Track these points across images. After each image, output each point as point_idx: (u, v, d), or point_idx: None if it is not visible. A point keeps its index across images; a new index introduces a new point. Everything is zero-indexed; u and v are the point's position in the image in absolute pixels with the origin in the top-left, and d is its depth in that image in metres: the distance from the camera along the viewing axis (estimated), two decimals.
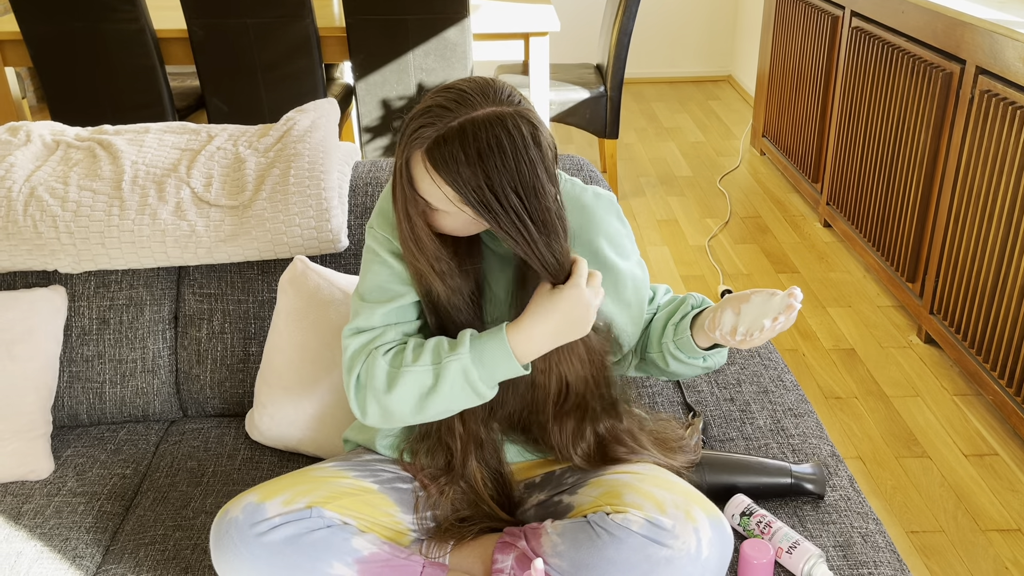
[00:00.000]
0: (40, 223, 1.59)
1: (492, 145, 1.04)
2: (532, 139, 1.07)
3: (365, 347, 1.19)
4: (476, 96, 1.06)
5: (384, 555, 1.18)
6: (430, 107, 1.07)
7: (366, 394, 1.18)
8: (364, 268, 1.23)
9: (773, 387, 1.64)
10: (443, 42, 3.08)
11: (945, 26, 2.54)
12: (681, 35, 5.59)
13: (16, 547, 1.35)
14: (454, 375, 1.15)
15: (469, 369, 1.14)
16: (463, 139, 1.04)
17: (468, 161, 1.04)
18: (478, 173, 1.04)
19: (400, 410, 1.17)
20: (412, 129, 1.08)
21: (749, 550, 1.23)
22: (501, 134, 1.05)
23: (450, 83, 1.11)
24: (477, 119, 1.05)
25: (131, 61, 3.07)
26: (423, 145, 1.07)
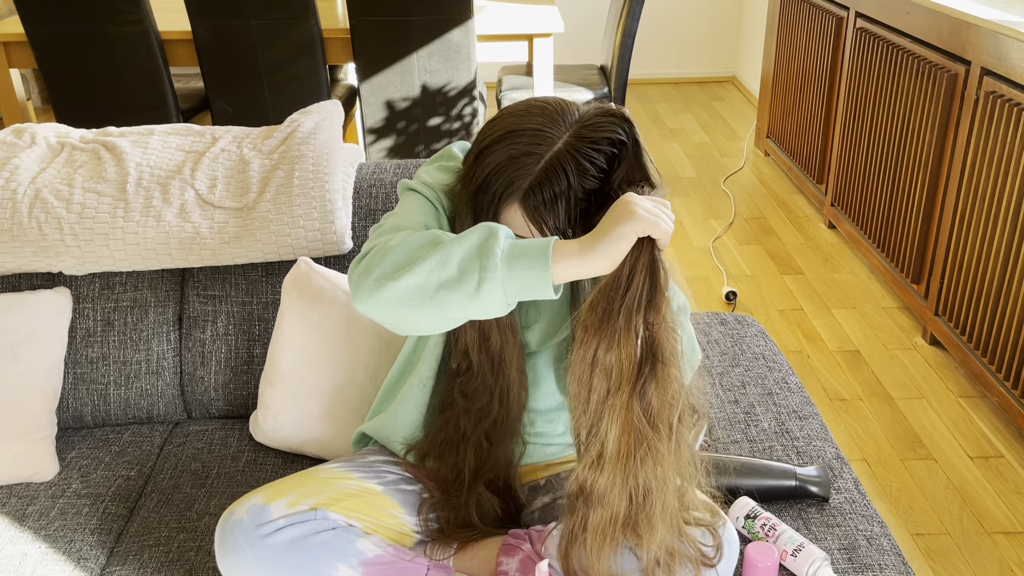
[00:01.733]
0: (45, 225, 1.59)
1: (577, 174, 1.08)
2: (606, 148, 1.11)
3: (388, 234, 1.10)
4: (550, 129, 1.09)
5: (389, 557, 1.18)
6: (516, 156, 1.08)
7: (372, 260, 1.05)
8: (397, 207, 1.18)
9: (777, 389, 1.64)
10: (447, 44, 3.08)
11: (950, 27, 2.54)
12: (685, 36, 5.58)
13: (21, 549, 1.35)
14: (471, 242, 1.01)
15: (496, 232, 1.02)
16: (554, 179, 1.08)
17: (560, 197, 1.08)
18: (570, 203, 1.09)
19: (405, 280, 1.01)
20: (498, 172, 1.09)
21: (754, 553, 1.23)
22: (583, 160, 1.09)
23: (512, 116, 1.11)
24: (560, 154, 1.08)
25: (135, 63, 3.08)
26: (518, 196, 1.09)
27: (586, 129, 1.11)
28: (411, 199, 1.20)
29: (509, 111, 1.13)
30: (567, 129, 1.10)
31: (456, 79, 3.16)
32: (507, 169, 1.09)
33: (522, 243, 1.01)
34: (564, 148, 1.09)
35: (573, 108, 1.13)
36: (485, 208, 1.11)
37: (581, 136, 1.10)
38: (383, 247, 1.06)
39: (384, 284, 1.02)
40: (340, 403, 1.51)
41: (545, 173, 1.08)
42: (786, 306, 2.99)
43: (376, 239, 1.11)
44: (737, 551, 1.21)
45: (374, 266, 1.04)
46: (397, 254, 1.04)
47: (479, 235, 1.02)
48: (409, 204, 1.19)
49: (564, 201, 1.09)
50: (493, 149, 1.10)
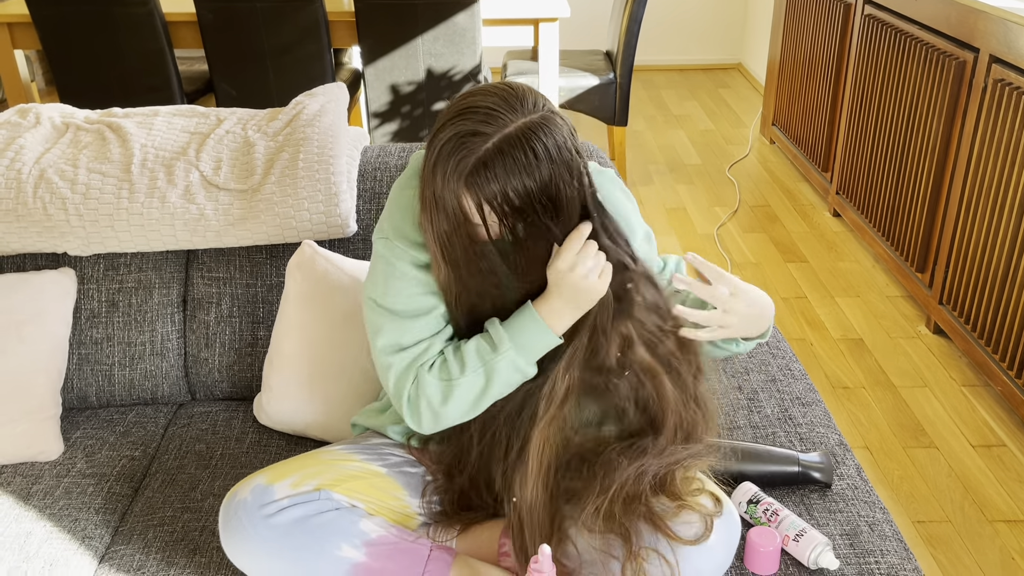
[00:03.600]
0: (50, 205, 1.59)
1: (529, 159, 1.05)
2: (562, 143, 1.08)
3: (411, 365, 1.19)
4: (504, 112, 1.05)
5: (392, 538, 1.19)
6: (461, 134, 1.05)
7: (420, 408, 1.19)
8: (383, 279, 1.20)
9: (781, 376, 1.64)
10: (452, 27, 3.06)
11: (958, 14, 2.52)
12: (691, 22, 5.56)
13: (26, 527, 1.36)
14: (504, 370, 1.17)
15: (515, 359, 1.16)
16: (502, 160, 1.04)
17: (509, 180, 1.05)
18: (519, 188, 1.05)
19: (456, 415, 1.20)
20: (446, 157, 1.06)
21: (756, 538, 1.23)
22: (532, 147, 1.05)
23: (471, 96, 1.08)
24: (508, 136, 1.05)
25: (140, 44, 3.07)
26: (463, 174, 1.06)
27: (545, 121, 1.07)
28: (391, 281, 1.19)
29: (468, 91, 1.10)
30: (524, 115, 1.06)
31: (461, 63, 3.15)
32: (456, 142, 1.05)
33: (524, 340, 1.16)
34: (516, 132, 1.05)
35: (538, 98, 1.09)
36: (433, 185, 1.08)
37: (538, 125, 1.06)
38: (430, 407, 1.19)
39: (438, 427, 1.22)
40: (344, 386, 1.52)
41: (494, 153, 1.04)
42: (790, 294, 2.99)
43: (404, 366, 1.20)
44: (739, 536, 1.22)
45: (422, 420, 1.21)
46: (446, 417, 1.20)
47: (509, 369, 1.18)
48: (395, 292, 1.19)
49: (511, 187, 1.05)
50: (444, 128, 1.07)
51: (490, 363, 1.16)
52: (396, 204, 1.22)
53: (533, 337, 1.16)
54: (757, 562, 1.24)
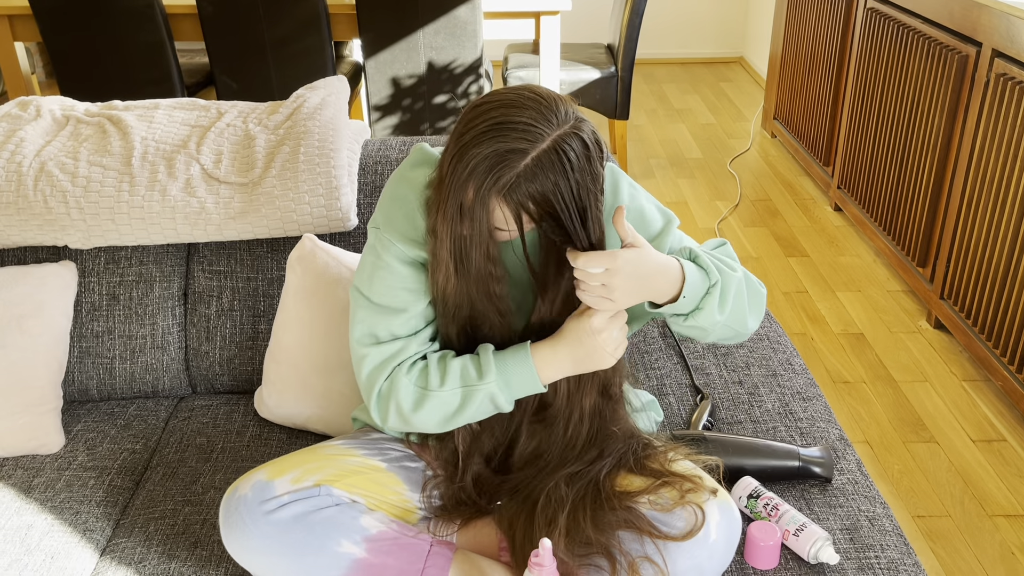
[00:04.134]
0: (50, 198, 1.59)
1: (561, 172, 1.06)
2: (594, 153, 1.09)
3: (387, 361, 1.19)
4: (541, 126, 1.05)
5: (392, 533, 1.19)
6: (500, 152, 1.04)
7: (388, 407, 1.20)
8: (369, 270, 1.21)
9: (782, 370, 1.64)
10: (453, 20, 3.06)
11: (961, 8, 2.51)
12: (693, 16, 5.54)
13: (27, 520, 1.36)
14: (481, 399, 1.18)
15: (496, 394, 1.18)
16: (539, 175, 1.05)
17: (542, 192, 1.06)
18: (551, 198, 1.06)
19: (423, 426, 1.21)
20: (484, 173, 1.05)
21: (756, 532, 1.24)
22: (567, 158, 1.06)
23: (504, 108, 1.06)
24: (547, 151, 1.05)
25: (140, 37, 3.06)
26: (502, 190, 1.06)
27: (576, 129, 1.07)
28: (377, 271, 1.19)
29: (498, 100, 1.08)
30: (558, 127, 1.06)
31: (462, 56, 3.14)
32: (493, 160, 1.05)
33: (510, 378, 1.18)
34: (552, 146, 1.05)
35: (568, 106, 1.09)
36: (468, 203, 1.08)
37: (571, 135, 1.07)
38: (398, 410, 1.21)
39: (403, 428, 1.24)
40: (344, 380, 1.52)
41: (531, 169, 1.05)
42: (791, 288, 2.99)
43: (378, 361, 1.20)
44: (739, 531, 1.22)
45: (388, 418, 1.22)
46: (413, 425, 1.22)
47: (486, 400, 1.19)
48: (380, 283, 1.19)
49: (544, 198, 1.06)
50: (480, 141, 1.06)
51: (470, 388, 1.18)
52: (391, 197, 1.22)
53: (520, 378, 1.18)
54: (757, 557, 1.24)
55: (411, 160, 1.24)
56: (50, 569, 1.29)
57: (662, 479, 1.20)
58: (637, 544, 1.16)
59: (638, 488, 1.20)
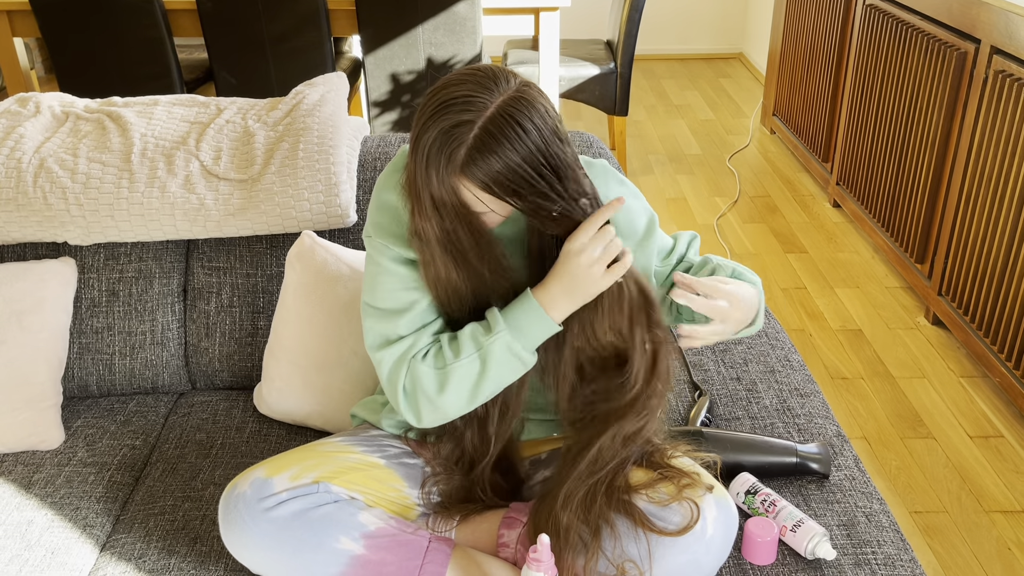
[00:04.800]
0: (50, 195, 1.59)
1: (515, 137, 1.04)
2: (545, 113, 1.07)
3: (402, 358, 1.18)
4: (482, 94, 1.04)
5: (391, 530, 1.19)
6: (445, 129, 1.04)
7: (418, 400, 1.18)
8: (371, 279, 1.21)
9: (780, 367, 1.64)
10: (452, 16, 3.06)
11: (960, 5, 2.51)
12: (692, 12, 5.54)
13: (27, 516, 1.37)
14: (499, 353, 1.15)
15: (511, 343, 1.14)
16: (491, 144, 1.03)
17: (503, 161, 1.04)
18: (511, 167, 1.04)
19: (455, 404, 1.18)
20: (436, 154, 1.05)
21: (753, 528, 1.24)
22: (517, 122, 1.04)
23: (443, 89, 1.07)
24: (492, 118, 1.04)
25: (139, 32, 3.06)
26: (459, 167, 1.05)
27: (522, 94, 1.06)
28: (376, 277, 1.20)
29: (440, 84, 1.08)
30: (500, 94, 1.05)
31: (462, 52, 3.14)
32: (444, 137, 1.04)
33: (519, 323, 1.15)
34: (497, 112, 1.04)
35: (508, 74, 1.08)
36: (437, 192, 1.07)
37: (517, 99, 1.05)
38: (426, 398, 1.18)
39: (438, 419, 1.21)
40: (343, 376, 1.52)
41: (481, 139, 1.03)
42: (789, 284, 2.99)
43: (394, 359, 1.19)
44: (736, 526, 1.22)
45: (421, 412, 1.20)
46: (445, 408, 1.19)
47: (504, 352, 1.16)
48: (380, 288, 1.19)
49: (504, 167, 1.04)
50: (427, 127, 1.05)
51: (484, 346, 1.14)
52: (377, 205, 1.22)
53: (530, 321, 1.14)
54: (755, 552, 1.24)
55: (395, 164, 1.24)
56: (50, 565, 1.29)
57: (660, 473, 1.21)
58: (632, 540, 1.17)
59: (636, 482, 1.20)
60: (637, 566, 1.15)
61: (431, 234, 1.11)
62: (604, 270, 1.11)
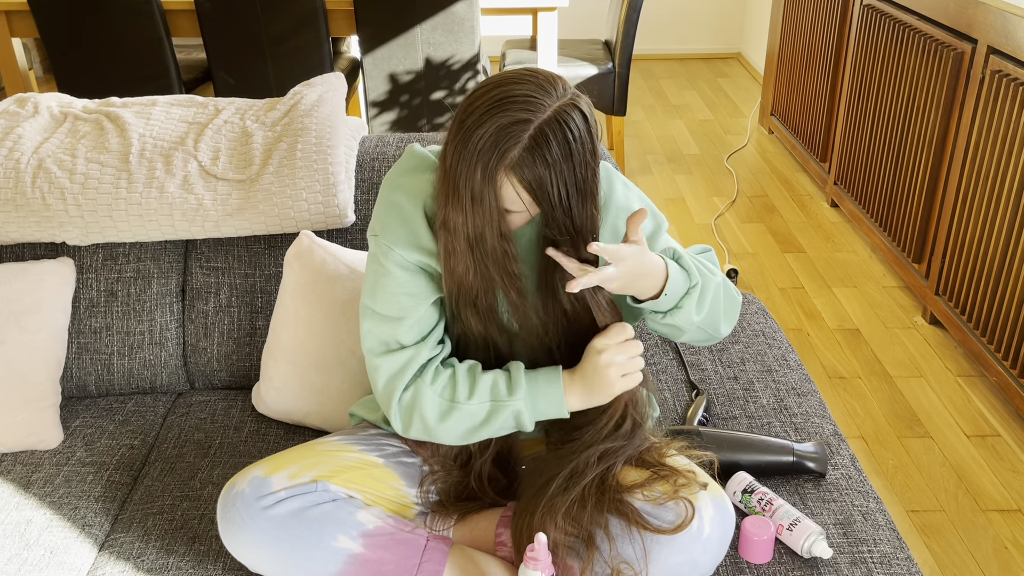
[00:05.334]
0: (48, 195, 1.59)
1: (565, 144, 1.06)
2: (593, 126, 1.10)
3: (403, 370, 1.20)
4: (541, 97, 1.06)
5: (389, 528, 1.20)
6: (503, 125, 1.04)
7: (412, 418, 1.21)
8: (372, 279, 1.22)
9: (777, 366, 1.65)
10: (451, 16, 3.06)
11: (957, 5, 2.52)
12: (690, 12, 5.54)
13: (26, 515, 1.37)
14: (506, 416, 1.19)
15: (522, 412, 1.18)
16: (544, 145, 1.05)
17: (549, 165, 1.06)
18: (555, 174, 1.06)
19: (446, 436, 1.22)
20: (488, 150, 1.05)
21: (750, 527, 1.25)
22: (569, 128, 1.06)
23: (503, 86, 1.07)
24: (548, 121, 1.05)
25: (138, 33, 3.06)
26: (509, 164, 1.06)
27: (575, 103, 1.08)
28: (378, 279, 1.20)
29: (495, 81, 1.09)
30: (557, 98, 1.07)
31: (460, 52, 3.14)
32: (501, 134, 1.05)
33: (537, 399, 1.19)
34: (554, 116, 1.05)
35: (564, 81, 1.11)
36: (479, 187, 1.07)
37: (572, 106, 1.07)
38: (423, 421, 1.21)
39: (424, 438, 1.24)
40: (342, 376, 1.52)
41: (536, 140, 1.05)
42: (787, 284, 2.99)
43: (393, 370, 1.21)
44: (733, 525, 1.23)
45: (411, 428, 1.23)
46: (437, 436, 1.22)
47: (511, 418, 1.20)
48: (380, 291, 1.20)
49: (550, 172, 1.06)
50: (482, 121, 1.06)
51: (499, 403, 1.18)
52: (386, 204, 1.22)
53: (547, 400, 1.19)
54: (751, 551, 1.25)
55: (403, 164, 1.24)
56: (49, 564, 1.30)
57: (655, 472, 1.21)
58: (627, 541, 1.17)
59: (632, 481, 1.21)
60: (632, 567, 1.16)
61: (460, 227, 1.11)
62: (620, 377, 1.16)
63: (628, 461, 1.24)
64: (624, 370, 1.17)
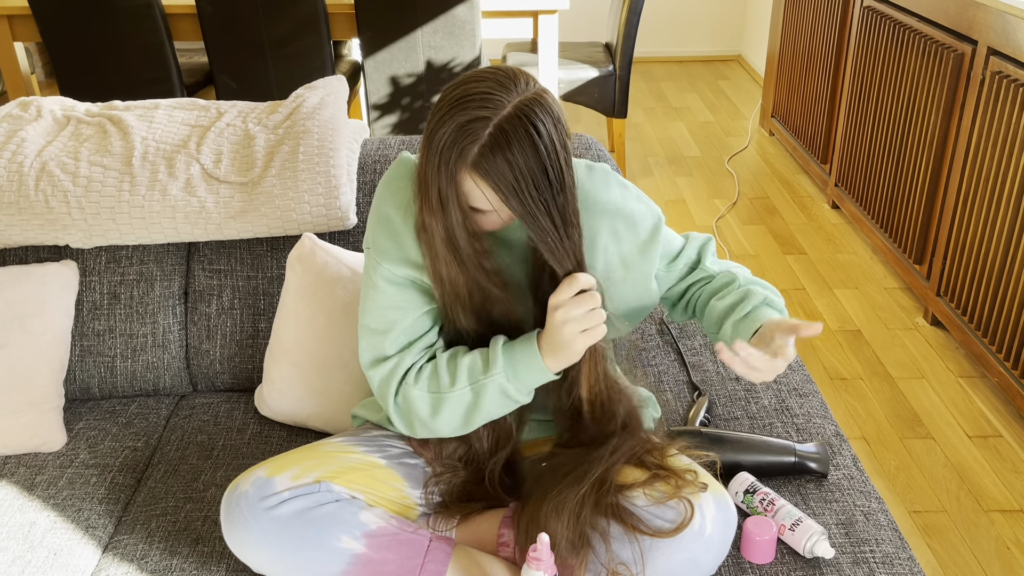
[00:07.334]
0: (51, 198, 1.60)
1: (527, 139, 1.05)
2: (560, 120, 1.09)
3: (389, 377, 1.21)
4: (500, 93, 1.05)
5: (392, 529, 1.20)
6: (462, 123, 1.04)
7: (412, 420, 1.22)
8: (364, 293, 1.24)
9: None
10: (452, 19, 3.07)
11: (957, 6, 2.52)
12: (691, 14, 5.55)
13: (30, 517, 1.37)
14: (493, 393, 1.18)
15: (506, 386, 1.18)
16: (504, 142, 1.04)
17: (511, 162, 1.05)
18: (521, 170, 1.05)
19: (448, 428, 1.22)
20: (448, 148, 1.05)
21: (752, 527, 1.25)
22: (532, 124, 1.05)
23: (462, 85, 1.07)
24: (508, 117, 1.05)
25: (140, 37, 3.07)
26: (468, 161, 1.06)
27: (539, 98, 1.07)
28: (367, 292, 1.22)
29: (458, 81, 1.09)
30: (518, 94, 1.06)
31: (461, 55, 3.15)
32: (459, 132, 1.05)
33: (518, 368, 1.17)
34: (514, 112, 1.05)
35: (527, 77, 1.10)
36: (444, 187, 1.08)
37: (534, 101, 1.06)
38: (420, 420, 1.22)
39: (433, 436, 1.26)
40: (344, 377, 1.53)
41: (495, 137, 1.04)
42: (788, 285, 3.00)
43: (381, 378, 1.22)
44: (735, 525, 1.23)
45: (415, 430, 1.24)
46: (440, 430, 1.23)
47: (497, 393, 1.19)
48: (370, 305, 1.21)
49: (512, 169, 1.05)
50: (443, 121, 1.06)
51: (478, 383, 1.18)
52: (376, 217, 1.23)
53: (527, 366, 1.17)
54: (753, 551, 1.25)
55: (393, 174, 1.24)
56: (52, 566, 1.30)
57: (657, 472, 1.21)
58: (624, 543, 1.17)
59: (634, 481, 1.21)
60: (629, 569, 1.16)
61: (435, 230, 1.12)
62: (579, 332, 1.13)
63: (630, 461, 1.24)
64: (583, 325, 1.12)
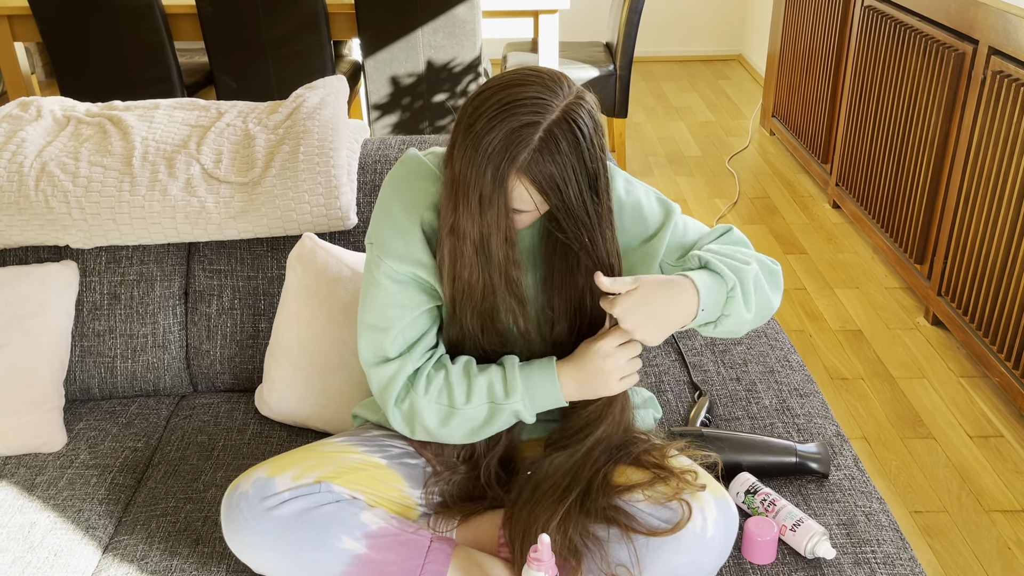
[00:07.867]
0: (51, 198, 1.60)
1: (574, 142, 1.08)
2: (598, 122, 1.11)
3: (391, 381, 1.22)
4: (548, 98, 1.07)
5: (392, 529, 1.20)
6: (514, 128, 1.05)
7: (415, 425, 1.23)
8: (364, 288, 1.24)
9: (779, 367, 1.65)
10: (452, 19, 3.06)
11: (958, 6, 2.52)
12: (691, 13, 5.55)
13: (30, 518, 1.37)
14: (507, 415, 1.21)
15: (521, 410, 1.21)
16: (553, 146, 1.06)
17: (559, 163, 1.07)
18: (567, 172, 1.08)
19: (450, 439, 1.24)
20: (499, 153, 1.06)
21: (753, 527, 1.25)
22: (578, 127, 1.08)
23: (510, 88, 1.08)
24: (557, 121, 1.07)
25: (140, 36, 3.07)
26: (518, 165, 1.07)
27: (582, 101, 1.10)
28: (368, 289, 1.22)
29: (501, 83, 1.10)
30: (564, 98, 1.08)
31: (461, 55, 3.15)
32: (511, 137, 1.06)
33: (535, 393, 1.20)
34: (562, 116, 1.07)
35: (568, 79, 1.12)
36: (489, 190, 1.08)
37: (579, 105, 1.09)
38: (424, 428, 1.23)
39: (436, 440, 1.26)
40: (344, 378, 1.53)
41: (545, 141, 1.06)
42: (789, 285, 2.99)
43: (384, 380, 1.22)
44: (736, 526, 1.23)
45: (416, 434, 1.25)
46: (445, 439, 1.25)
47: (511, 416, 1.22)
48: (370, 302, 1.22)
49: (561, 171, 1.07)
50: (491, 126, 1.06)
51: (497, 405, 1.20)
52: (382, 214, 1.23)
53: (544, 394, 1.21)
54: (754, 552, 1.25)
55: (400, 171, 1.24)
56: (53, 566, 1.30)
57: (655, 474, 1.21)
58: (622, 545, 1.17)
59: (634, 482, 1.21)
60: (628, 570, 1.16)
61: (468, 232, 1.12)
62: (619, 380, 1.19)
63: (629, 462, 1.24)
64: (624, 372, 1.19)
